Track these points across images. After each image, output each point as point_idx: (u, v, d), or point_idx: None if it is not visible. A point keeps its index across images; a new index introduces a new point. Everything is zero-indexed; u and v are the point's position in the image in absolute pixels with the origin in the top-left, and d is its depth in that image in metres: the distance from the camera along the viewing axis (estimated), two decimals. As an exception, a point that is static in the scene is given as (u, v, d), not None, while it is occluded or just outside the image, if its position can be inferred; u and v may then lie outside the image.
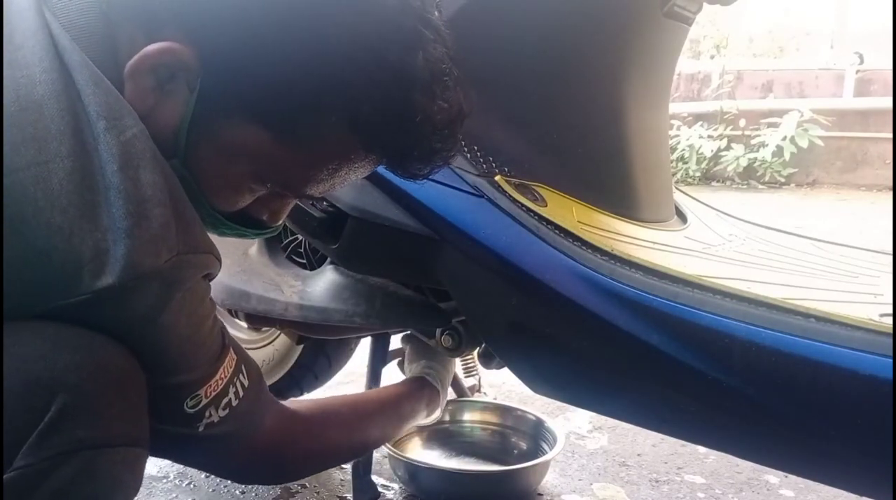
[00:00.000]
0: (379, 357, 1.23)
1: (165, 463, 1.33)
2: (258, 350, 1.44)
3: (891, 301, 0.88)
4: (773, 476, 1.34)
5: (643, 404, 0.88)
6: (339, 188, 0.70)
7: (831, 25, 9.99)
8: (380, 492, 1.23)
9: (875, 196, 5.63)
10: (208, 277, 0.64)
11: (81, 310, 0.53)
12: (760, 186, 6.20)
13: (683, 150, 6.46)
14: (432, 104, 0.63)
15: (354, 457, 1.13)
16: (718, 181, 6.44)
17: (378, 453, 1.32)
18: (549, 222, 0.91)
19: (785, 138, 6.00)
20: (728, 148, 6.36)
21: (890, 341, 0.72)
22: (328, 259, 1.11)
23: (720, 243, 1.11)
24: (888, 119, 5.73)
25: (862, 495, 0.85)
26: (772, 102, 6.89)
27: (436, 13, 0.65)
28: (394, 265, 1.02)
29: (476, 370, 1.37)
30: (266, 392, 0.75)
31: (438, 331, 1.12)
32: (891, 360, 0.71)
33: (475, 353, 1.25)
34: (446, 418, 1.36)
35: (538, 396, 1.02)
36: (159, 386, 0.60)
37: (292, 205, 0.75)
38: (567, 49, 1.02)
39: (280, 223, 0.75)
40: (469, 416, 1.40)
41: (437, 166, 0.69)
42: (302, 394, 1.47)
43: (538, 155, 1.01)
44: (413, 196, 0.93)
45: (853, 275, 1.04)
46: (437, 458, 1.34)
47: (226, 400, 0.66)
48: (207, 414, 0.64)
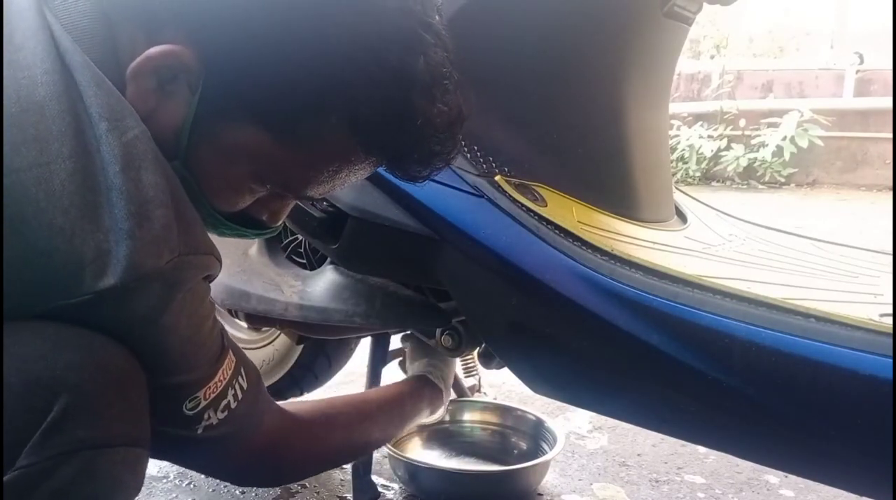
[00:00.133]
0: (379, 357, 1.23)
1: (165, 463, 1.33)
2: (258, 350, 1.44)
3: (891, 301, 0.89)
4: (773, 476, 1.34)
5: (643, 404, 0.88)
6: (339, 189, 0.70)
7: (831, 25, 10.00)
8: (380, 492, 1.23)
9: (875, 196, 5.63)
10: (209, 278, 0.64)
11: (82, 310, 0.54)
12: (760, 186, 6.20)
13: (683, 150, 6.46)
14: (432, 107, 0.64)
15: (357, 457, 1.13)
16: (718, 181, 6.44)
17: (378, 453, 1.32)
18: (549, 222, 0.91)
19: (785, 138, 6.00)
20: (728, 148, 6.36)
21: (890, 341, 0.72)
22: (328, 259, 1.11)
23: (720, 243, 1.11)
24: (888, 119, 5.73)
25: (862, 495, 0.85)
26: (772, 102, 6.90)
27: (437, 17, 0.65)
28: (394, 265, 1.02)
29: (476, 370, 1.37)
30: (265, 394, 0.75)
31: (438, 331, 1.12)
32: (891, 360, 0.71)
33: (475, 353, 1.25)
34: (446, 418, 1.36)
35: (538, 396, 1.02)
36: (159, 387, 0.60)
37: (292, 205, 0.75)
38: (567, 49, 1.02)
39: (280, 224, 0.75)
40: (469, 416, 1.40)
41: (437, 169, 0.70)
42: (302, 394, 1.47)
43: (538, 155, 1.01)
44: (413, 196, 0.93)
45: (853, 275, 1.04)
46: (437, 458, 1.34)
47: (224, 402, 0.66)
48: (206, 417, 0.65)
